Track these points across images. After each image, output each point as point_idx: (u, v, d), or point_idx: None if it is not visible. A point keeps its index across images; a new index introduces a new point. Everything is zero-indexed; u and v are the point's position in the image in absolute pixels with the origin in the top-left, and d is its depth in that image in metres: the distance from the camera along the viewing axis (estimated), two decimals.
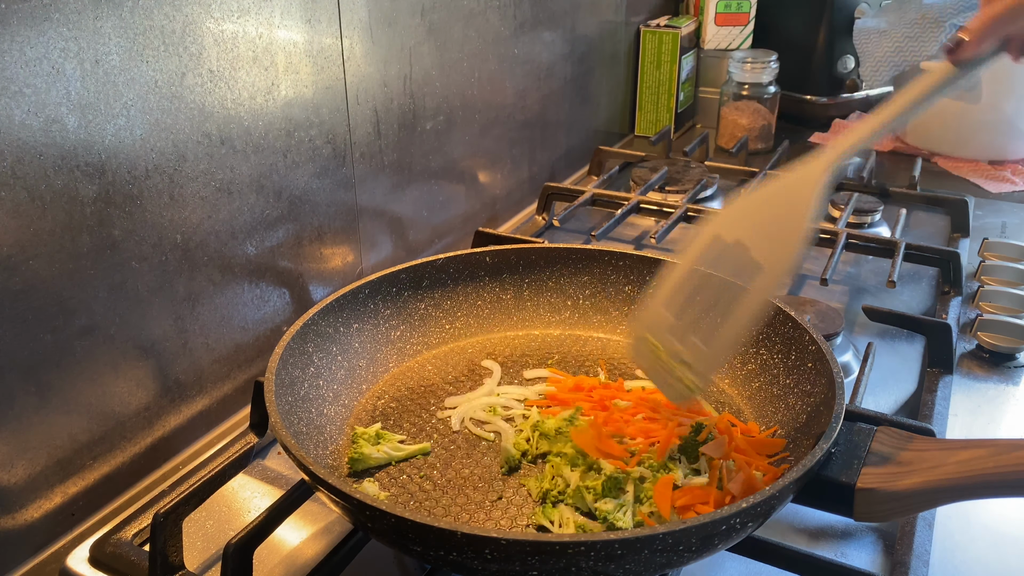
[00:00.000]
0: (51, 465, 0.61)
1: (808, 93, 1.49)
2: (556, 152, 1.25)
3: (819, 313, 0.82)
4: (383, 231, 0.91)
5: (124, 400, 0.66)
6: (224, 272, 0.72)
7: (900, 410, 0.76)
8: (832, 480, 0.53)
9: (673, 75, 1.43)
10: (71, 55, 0.56)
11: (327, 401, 0.66)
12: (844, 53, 1.45)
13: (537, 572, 0.46)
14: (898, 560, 0.58)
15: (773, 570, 0.57)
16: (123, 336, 0.64)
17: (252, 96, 0.70)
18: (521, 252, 0.80)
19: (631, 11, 1.40)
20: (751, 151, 1.38)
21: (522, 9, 1.07)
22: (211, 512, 0.65)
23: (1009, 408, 0.76)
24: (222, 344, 0.73)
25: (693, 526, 0.45)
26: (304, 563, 0.60)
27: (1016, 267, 0.96)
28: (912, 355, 0.83)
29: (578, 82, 1.27)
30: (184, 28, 0.63)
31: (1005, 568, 0.60)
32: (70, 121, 0.57)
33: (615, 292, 0.80)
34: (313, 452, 0.60)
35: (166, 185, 0.65)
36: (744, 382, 0.70)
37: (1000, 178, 1.26)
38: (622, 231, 1.11)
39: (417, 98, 0.91)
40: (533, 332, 0.80)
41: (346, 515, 0.51)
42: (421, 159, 0.94)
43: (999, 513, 0.64)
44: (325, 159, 0.80)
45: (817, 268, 1.00)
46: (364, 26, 0.81)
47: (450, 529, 0.45)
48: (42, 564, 0.61)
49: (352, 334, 0.71)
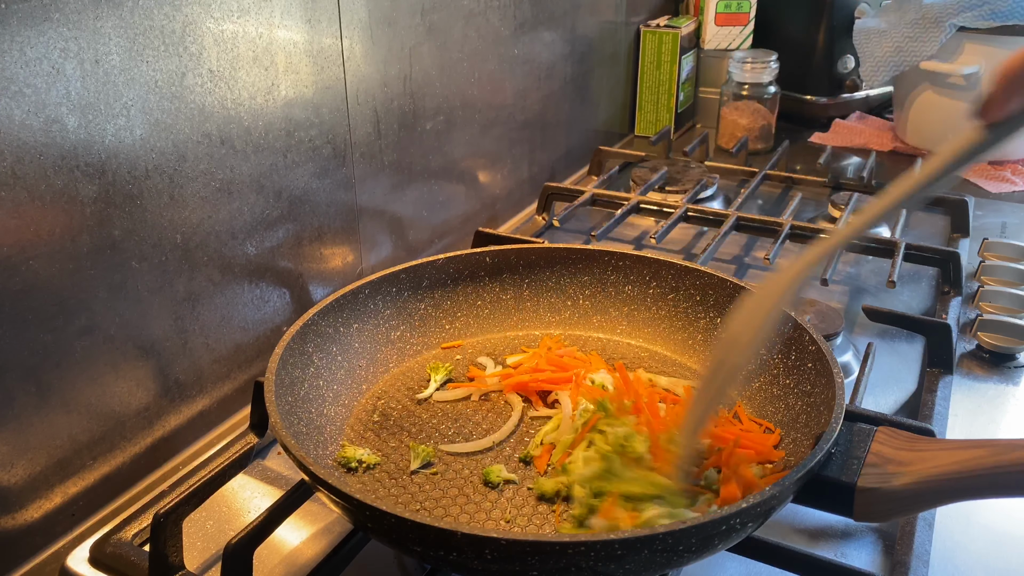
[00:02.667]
0: (51, 465, 0.61)
1: (808, 93, 1.49)
2: (556, 152, 1.25)
3: (819, 313, 0.82)
4: (383, 231, 0.91)
5: (124, 400, 0.66)
6: (224, 272, 0.72)
7: (900, 410, 0.76)
8: (832, 480, 0.53)
9: (673, 75, 1.43)
10: (71, 55, 0.56)
11: (327, 401, 0.66)
12: (844, 53, 1.45)
13: (537, 572, 0.46)
14: (898, 560, 0.58)
15: (773, 570, 0.57)
16: (123, 336, 0.64)
17: (252, 96, 0.71)
18: (521, 252, 0.80)
19: (631, 11, 1.40)
20: (751, 151, 1.38)
21: (522, 9, 1.07)
22: (211, 512, 0.65)
23: (1009, 408, 0.76)
24: (222, 344, 0.73)
25: (693, 526, 0.45)
26: (304, 563, 0.60)
27: (1016, 267, 0.96)
28: (912, 355, 0.83)
29: (578, 82, 1.27)
30: (184, 28, 0.63)
31: (1005, 568, 0.60)
32: (70, 121, 0.57)
33: (615, 292, 0.80)
34: (313, 452, 0.60)
35: (166, 185, 0.65)
36: (744, 382, 0.70)
37: (1000, 178, 1.26)
38: (622, 231, 1.11)
39: (417, 98, 0.91)
40: (533, 332, 0.80)
41: (346, 515, 0.51)
42: (421, 159, 0.94)
43: (999, 513, 0.64)
44: (325, 159, 0.80)
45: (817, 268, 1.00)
46: (364, 26, 0.81)
47: (450, 529, 0.45)
48: (42, 564, 0.61)
49: (352, 334, 0.71)
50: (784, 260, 0.55)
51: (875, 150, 1.34)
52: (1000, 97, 0.46)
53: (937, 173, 0.49)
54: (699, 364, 0.74)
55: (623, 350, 0.77)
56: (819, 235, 0.97)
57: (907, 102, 1.36)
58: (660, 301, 0.78)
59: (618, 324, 0.79)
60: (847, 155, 1.39)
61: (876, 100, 1.54)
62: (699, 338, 0.75)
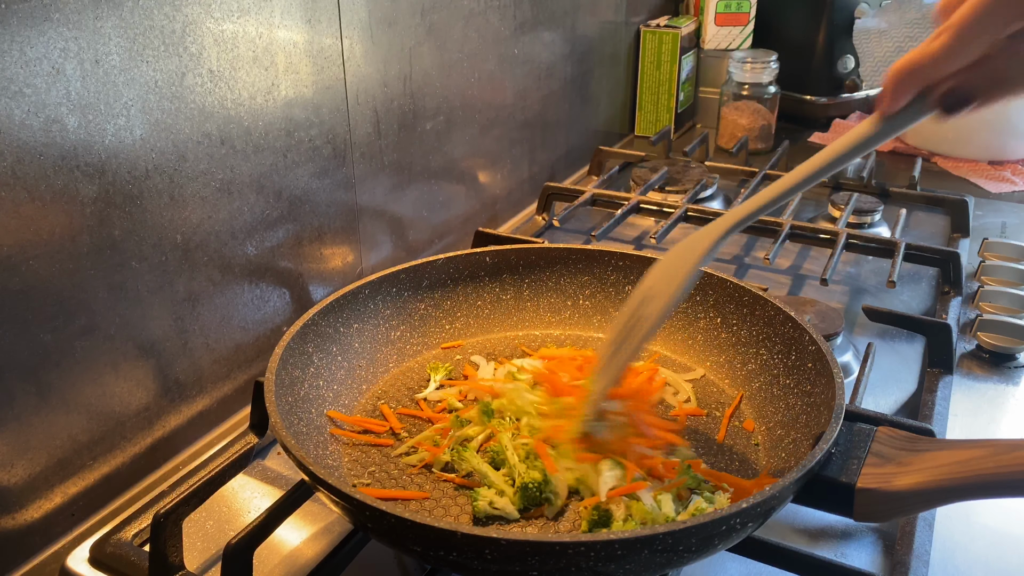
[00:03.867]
0: (51, 465, 0.61)
1: (808, 93, 1.49)
2: (556, 152, 1.25)
3: (819, 313, 0.82)
4: (383, 231, 0.91)
5: (124, 400, 0.66)
6: (224, 272, 0.72)
7: (900, 410, 0.76)
8: (832, 480, 0.53)
9: (673, 75, 1.43)
10: (71, 55, 0.56)
11: (327, 401, 0.66)
12: (844, 53, 1.45)
13: (537, 572, 0.46)
14: (898, 560, 0.58)
15: (773, 570, 0.57)
16: (123, 336, 0.64)
17: (252, 96, 0.71)
18: (521, 252, 0.80)
19: (631, 11, 1.40)
20: (751, 151, 1.38)
21: (522, 9, 1.07)
22: (211, 512, 0.65)
23: (1009, 408, 0.76)
24: (222, 344, 0.73)
25: (693, 526, 0.45)
26: (304, 563, 0.60)
27: (1016, 267, 0.96)
28: (912, 355, 0.83)
29: (578, 82, 1.27)
30: (184, 28, 0.63)
31: (1005, 568, 0.60)
32: (70, 121, 0.57)
33: (615, 292, 0.80)
34: (313, 452, 0.60)
35: (166, 185, 0.65)
36: (744, 382, 0.70)
37: (1000, 178, 1.26)
38: (622, 231, 1.11)
39: (417, 98, 0.91)
40: (533, 332, 0.80)
41: (346, 515, 0.51)
42: (421, 159, 0.94)
43: (999, 513, 0.64)
44: (325, 159, 0.80)
45: (817, 268, 1.00)
46: (364, 26, 0.81)
47: (450, 529, 0.45)
48: (42, 564, 0.61)
49: (352, 334, 0.71)
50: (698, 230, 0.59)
51: (875, 150, 1.34)
52: (892, 92, 0.51)
53: (837, 158, 0.54)
54: (699, 364, 0.74)
55: None
56: (820, 235, 0.98)
57: None
58: None
59: None
60: None
61: (876, 100, 1.53)
62: (699, 338, 0.75)
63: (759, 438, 0.65)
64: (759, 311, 0.71)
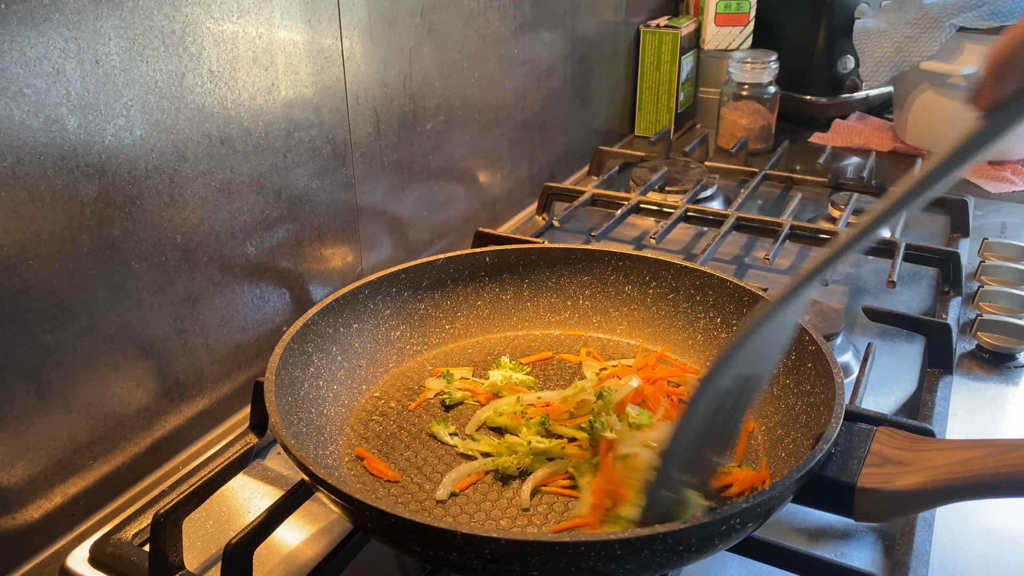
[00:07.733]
0: (51, 465, 0.61)
1: (808, 93, 1.49)
2: (556, 152, 1.25)
3: (819, 313, 0.82)
4: (383, 231, 0.91)
5: (124, 400, 0.66)
6: (224, 272, 0.72)
7: (900, 410, 0.76)
8: (832, 480, 0.53)
9: (673, 75, 1.43)
10: (71, 55, 0.56)
11: (327, 401, 0.66)
12: (844, 53, 1.45)
13: (537, 572, 0.46)
14: (898, 560, 0.58)
15: (773, 570, 0.57)
16: (123, 336, 0.64)
17: (252, 96, 0.71)
18: (521, 252, 0.80)
19: (631, 11, 1.40)
20: (751, 151, 1.38)
21: (522, 9, 1.07)
22: (211, 512, 0.65)
23: (1009, 408, 0.76)
24: (222, 344, 0.73)
25: (693, 526, 0.45)
26: (304, 563, 0.60)
27: (1016, 267, 0.96)
28: (912, 355, 0.83)
29: (578, 82, 1.27)
30: (184, 28, 0.63)
31: (1005, 568, 0.60)
32: (70, 121, 0.57)
33: (615, 292, 0.80)
34: (313, 452, 0.60)
35: (166, 185, 0.65)
36: None
37: (1000, 178, 1.26)
38: (622, 231, 1.11)
39: (417, 98, 0.91)
40: (533, 332, 0.80)
41: (346, 515, 0.51)
42: (421, 159, 0.94)
43: (999, 513, 0.64)
44: (325, 159, 0.80)
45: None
46: (364, 26, 0.81)
47: (450, 529, 0.45)
48: (42, 564, 0.61)
49: (352, 334, 0.71)
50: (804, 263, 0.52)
51: (875, 150, 1.34)
52: (991, 82, 0.42)
53: (940, 170, 0.45)
54: (699, 364, 0.74)
55: (623, 350, 0.77)
56: (820, 235, 0.98)
57: (907, 102, 1.36)
58: (660, 301, 0.78)
59: (618, 324, 0.79)
60: (847, 155, 1.39)
61: (876, 100, 1.54)
62: (699, 338, 0.75)
63: (759, 438, 0.65)
64: None
